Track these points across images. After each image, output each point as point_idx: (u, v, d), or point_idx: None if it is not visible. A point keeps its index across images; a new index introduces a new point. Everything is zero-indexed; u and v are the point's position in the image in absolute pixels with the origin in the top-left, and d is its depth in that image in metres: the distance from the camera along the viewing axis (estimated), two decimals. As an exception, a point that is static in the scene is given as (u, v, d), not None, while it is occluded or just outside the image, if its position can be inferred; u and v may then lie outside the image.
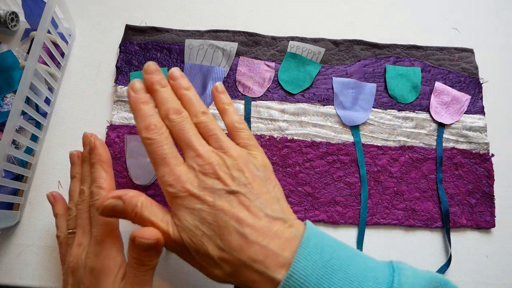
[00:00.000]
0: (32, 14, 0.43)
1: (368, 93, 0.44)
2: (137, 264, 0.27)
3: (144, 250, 0.26)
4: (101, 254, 0.28)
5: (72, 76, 0.45)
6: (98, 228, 0.29)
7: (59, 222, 0.34)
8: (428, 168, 0.41)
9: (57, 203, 0.35)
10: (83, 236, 0.30)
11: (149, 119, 0.28)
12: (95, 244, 0.29)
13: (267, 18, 0.48)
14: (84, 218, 0.31)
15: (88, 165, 0.33)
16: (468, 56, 0.46)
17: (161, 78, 0.30)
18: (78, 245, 0.30)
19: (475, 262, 0.38)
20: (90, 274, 0.28)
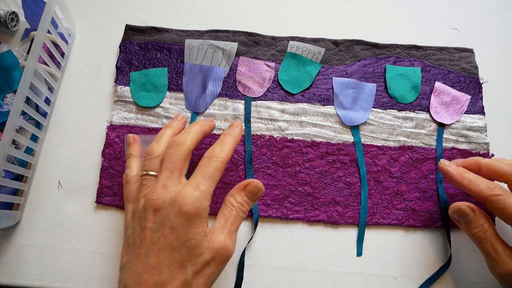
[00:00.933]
0: (32, 14, 0.43)
1: (368, 93, 0.44)
2: (240, 209, 0.32)
3: (253, 196, 0.32)
4: (199, 200, 0.29)
5: (72, 76, 0.45)
6: (204, 179, 0.30)
7: (132, 162, 0.35)
8: (428, 168, 0.41)
9: (135, 144, 0.37)
10: (169, 179, 0.31)
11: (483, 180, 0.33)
12: (194, 188, 0.30)
13: (267, 18, 0.48)
14: (175, 162, 0.31)
15: (197, 124, 0.35)
16: (468, 56, 0.46)
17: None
18: (163, 186, 0.30)
19: (475, 262, 0.38)
20: (180, 215, 0.29)
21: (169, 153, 0.32)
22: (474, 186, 0.33)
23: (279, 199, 0.40)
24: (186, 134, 0.33)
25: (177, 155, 0.32)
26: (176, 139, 0.33)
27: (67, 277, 0.37)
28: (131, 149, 0.36)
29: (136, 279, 0.28)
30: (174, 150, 0.32)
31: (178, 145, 0.32)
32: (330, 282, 0.37)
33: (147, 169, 0.32)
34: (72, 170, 0.41)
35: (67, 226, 0.39)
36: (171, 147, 0.32)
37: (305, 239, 0.39)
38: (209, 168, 0.31)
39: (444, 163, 0.35)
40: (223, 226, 0.31)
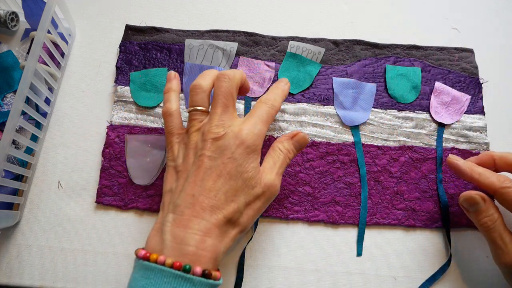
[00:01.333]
0: (32, 14, 0.43)
1: (368, 93, 0.44)
2: (287, 155, 0.34)
3: (299, 146, 0.34)
4: (259, 136, 0.31)
5: (72, 76, 0.45)
6: (261, 121, 0.32)
7: (172, 96, 0.35)
8: (428, 168, 0.41)
9: (175, 80, 0.37)
10: (225, 114, 0.31)
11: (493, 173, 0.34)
12: (253, 126, 0.31)
13: (267, 18, 0.48)
14: (228, 97, 0.32)
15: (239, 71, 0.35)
16: (468, 56, 0.46)
17: None
18: (220, 120, 0.31)
19: (475, 262, 0.38)
20: (242, 148, 0.30)
21: (222, 87, 0.32)
22: (484, 178, 0.33)
23: (279, 199, 0.40)
24: (233, 70, 0.33)
25: (229, 88, 0.32)
26: (225, 73, 0.33)
27: (67, 277, 0.37)
28: (170, 84, 0.36)
29: (190, 200, 0.30)
30: (226, 83, 0.32)
31: (230, 78, 0.32)
32: (330, 282, 0.37)
33: (196, 104, 0.33)
34: (72, 170, 0.41)
35: (67, 226, 0.39)
36: (222, 80, 0.32)
37: (305, 239, 0.39)
38: (264, 112, 0.32)
39: (452, 157, 0.35)
40: (272, 167, 0.32)
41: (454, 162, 0.35)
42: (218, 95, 0.32)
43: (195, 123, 0.32)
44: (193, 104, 0.33)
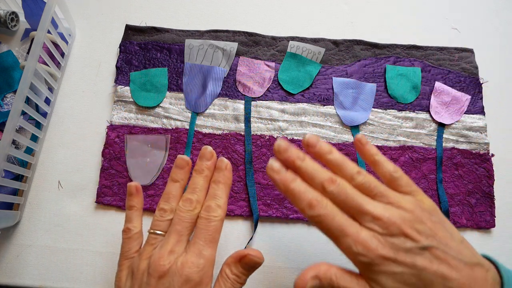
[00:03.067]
0: (32, 14, 0.43)
1: (368, 93, 0.44)
2: (236, 281, 0.30)
3: (250, 268, 0.30)
4: (204, 268, 0.29)
5: (72, 76, 0.45)
6: (207, 243, 0.29)
7: (134, 215, 0.33)
8: (428, 168, 0.41)
9: (137, 196, 0.34)
10: (177, 244, 0.30)
11: (307, 195, 0.26)
12: (198, 256, 0.29)
13: (267, 18, 0.48)
14: (184, 227, 0.30)
15: (203, 179, 0.32)
16: (468, 56, 0.46)
17: (298, 152, 0.28)
18: (171, 251, 0.29)
19: (475, 262, 0.38)
20: (186, 283, 0.28)
21: (180, 217, 0.30)
22: (297, 203, 0.27)
23: (279, 199, 0.40)
24: (197, 194, 0.31)
25: (188, 221, 0.30)
26: (188, 204, 0.31)
27: (67, 277, 0.37)
28: (132, 201, 0.33)
29: None
30: (185, 215, 0.30)
31: (190, 210, 0.31)
32: (330, 282, 0.37)
33: (156, 228, 0.31)
34: (72, 170, 0.41)
35: (67, 226, 0.39)
36: (183, 211, 0.31)
37: (305, 239, 0.39)
38: (208, 231, 0.30)
39: (271, 166, 0.28)
40: None
41: (270, 176, 0.28)
42: (175, 223, 0.30)
43: (149, 249, 0.30)
44: (154, 228, 0.31)
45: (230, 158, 0.41)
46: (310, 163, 0.28)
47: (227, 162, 0.33)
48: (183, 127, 0.42)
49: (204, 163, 0.33)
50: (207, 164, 0.33)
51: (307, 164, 0.28)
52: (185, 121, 0.42)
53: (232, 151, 0.41)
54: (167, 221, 0.31)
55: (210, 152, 0.33)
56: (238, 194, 0.40)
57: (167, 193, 0.32)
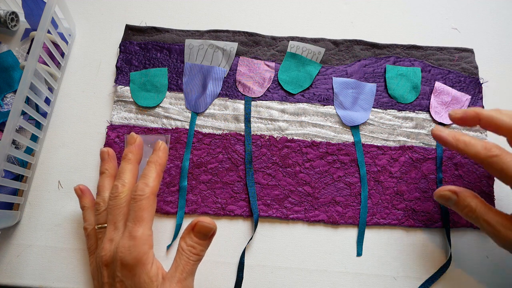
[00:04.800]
0: (32, 14, 0.43)
1: (368, 93, 0.44)
2: (191, 252, 0.30)
3: (203, 235, 0.31)
4: (136, 248, 0.29)
5: (72, 76, 0.45)
6: (135, 223, 0.30)
7: (86, 214, 0.35)
8: (428, 168, 0.41)
9: (84, 196, 0.36)
10: (114, 232, 0.31)
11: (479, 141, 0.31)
12: (128, 238, 0.30)
13: (267, 18, 0.48)
14: (116, 214, 0.31)
15: (128, 162, 0.34)
16: (468, 56, 0.46)
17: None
18: (109, 240, 0.31)
19: (475, 262, 0.38)
20: (123, 268, 0.29)
21: (110, 205, 0.32)
22: (470, 148, 0.31)
23: (279, 199, 0.40)
24: (122, 179, 0.33)
25: (117, 206, 0.32)
26: (114, 190, 0.32)
27: (67, 277, 0.37)
28: (83, 201, 0.36)
29: None
30: (112, 202, 0.32)
31: (116, 196, 0.32)
32: (330, 282, 0.37)
33: (99, 223, 0.33)
34: (72, 170, 0.41)
35: (67, 226, 0.39)
36: (110, 199, 0.32)
37: (305, 239, 0.39)
38: (136, 210, 0.30)
39: (437, 128, 0.33)
40: (172, 275, 0.30)
41: (438, 134, 0.33)
42: (108, 214, 0.32)
43: (100, 243, 0.33)
44: (97, 222, 0.34)
45: (230, 158, 0.41)
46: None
47: (162, 143, 0.35)
48: (183, 127, 0.42)
49: (127, 149, 0.35)
50: (130, 148, 0.34)
51: (489, 114, 0.33)
52: (185, 121, 0.42)
53: (232, 151, 0.41)
54: (104, 212, 0.33)
55: (132, 136, 0.35)
56: (238, 194, 0.40)
57: (98, 187, 0.35)
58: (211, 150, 0.41)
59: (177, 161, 0.41)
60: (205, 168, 0.40)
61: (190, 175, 0.40)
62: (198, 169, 0.40)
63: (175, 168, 0.40)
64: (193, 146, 0.41)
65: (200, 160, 0.41)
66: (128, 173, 0.33)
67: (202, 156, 0.41)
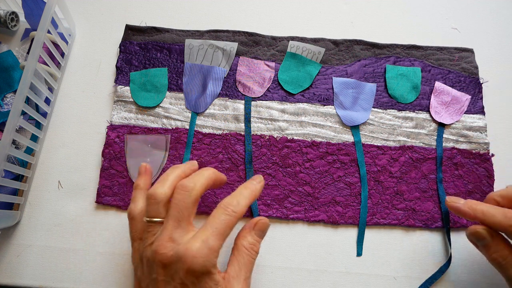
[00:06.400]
0: (32, 14, 0.43)
1: (368, 93, 0.44)
2: (252, 250, 0.30)
3: (262, 232, 0.32)
4: (207, 259, 0.27)
5: (72, 76, 0.45)
6: (215, 235, 0.28)
7: (137, 195, 0.32)
8: (428, 168, 0.41)
9: (145, 176, 0.34)
10: (176, 230, 0.28)
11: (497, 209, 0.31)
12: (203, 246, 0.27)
13: (267, 18, 0.48)
14: (182, 211, 0.29)
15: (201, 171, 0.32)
16: (468, 56, 0.46)
17: None
18: (170, 238, 0.28)
19: (475, 262, 0.38)
20: (189, 273, 0.27)
21: (177, 199, 0.29)
22: (489, 217, 0.30)
23: (279, 199, 0.40)
24: (196, 178, 0.30)
25: (185, 203, 0.29)
26: (185, 184, 0.30)
27: (67, 277, 0.37)
28: (139, 180, 0.33)
29: None
30: (182, 196, 0.29)
31: (187, 190, 0.29)
32: (330, 282, 0.37)
33: (151, 216, 0.30)
34: (72, 170, 0.41)
35: (67, 226, 0.39)
36: (179, 193, 0.29)
37: (305, 239, 0.39)
38: (222, 222, 0.29)
39: (451, 200, 0.33)
40: (238, 274, 0.29)
41: (453, 206, 0.32)
42: (171, 208, 0.29)
43: (149, 236, 0.30)
44: (148, 215, 0.30)
45: (230, 158, 0.41)
46: None
47: (262, 179, 0.34)
48: (183, 127, 0.42)
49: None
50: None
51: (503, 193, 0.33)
52: (185, 121, 0.42)
53: (232, 151, 0.41)
54: (159, 204, 0.30)
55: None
56: (238, 194, 0.40)
57: (162, 177, 0.32)
58: (211, 150, 0.41)
59: (177, 161, 0.41)
60: (205, 168, 0.40)
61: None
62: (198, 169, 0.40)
63: (175, 168, 0.40)
64: (193, 146, 0.41)
65: (200, 160, 0.41)
66: (202, 178, 0.31)
67: (202, 156, 0.41)
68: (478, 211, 0.31)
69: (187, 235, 0.29)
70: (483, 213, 0.31)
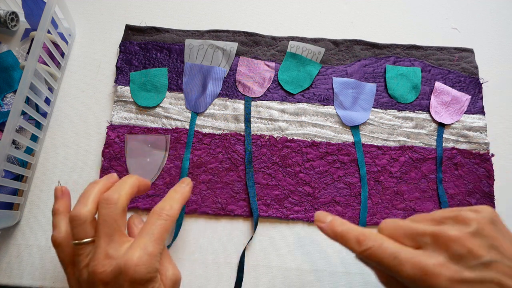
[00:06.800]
0: (32, 14, 0.43)
1: (368, 93, 0.44)
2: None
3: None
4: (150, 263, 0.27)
5: (72, 76, 0.45)
6: (154, 241, 0.27)
7: (59, 221, 0.30)
8: (428, 168, 0.41)
9: (62, 199, 0.32)
10: (110, 245, 0.27)
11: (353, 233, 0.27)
12: (144, 254, 0.27)
13: (267, 18, 0.48)
14: (111, 225, 0.28)
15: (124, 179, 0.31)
16: (468, 56, 0.46)
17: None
18: (106, 255, 0.27)
19: (475, 262, 0.38)
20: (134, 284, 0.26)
21: (104, 215, 0.28)
22: (345, 242, 0.27)
23: (279, 199, 0.40)
24: (120, 188, 0.30)
25: (113, 216, 0.28)
26: (109, 196, 0.28)
27: (67, 277, 0.37)
28: (57, 204, 0.31)
29: None
30: (108, 211, 0.28)
31: (112, 203, 0.28)
32: (330, 282, 0.37)
33: (79, 237, 0.28)
34: (72, 170, 0.41)
35: (67, 226, 0.39)
36: (104, 207, 0.28)
37: (305, 239, 0.39)
38: (158, 227, 0.28)
39: (318, 218, 0.29)
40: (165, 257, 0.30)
41: (318, 225, 0.29)
42: (100, 224, 0.28)
43: (82, 259, 0.28)
44: (75, 238, 0.28)
45: (230, 158, 0.41)
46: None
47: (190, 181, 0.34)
48: (183, 127, 0.42)
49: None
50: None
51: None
52: (185, 121, 0.42)
53: (232, 151, 0.41)
54: (85, 224, 0.28)
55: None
56: (238, 194, 0.40)
57: (82, 196, 0.30)
58: (211, 150, 0.41)
59: (177, 161, 0.41)
60: (205, 168, 0.40)
61: (190, 175, 0.40)
62: (198, 169, 0.40)
63: (175, 168, 0.40)
64: (193, 146, 0.41)
65: (200, 160, 0.41)
66: (126, 186, 0.30)
67: (202, 156, 0.41)
68: (337, 233, 0.28)
69: (121, 247, 0.28)
70: (341, 236, 0.28)
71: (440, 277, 0.23)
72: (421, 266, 0.23)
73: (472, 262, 0.23)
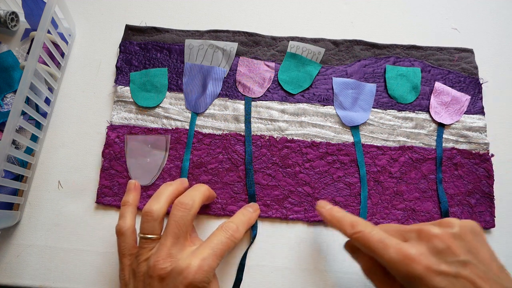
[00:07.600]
0: (32, 14, 0.43)
1: (368, 93, 0.44)
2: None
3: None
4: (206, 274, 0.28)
5: (72, 76, 0.45)
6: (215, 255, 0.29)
7: (126, 212, 0.32)
8: (428, 168, 0.41)
9: (134, 192, 0.34)
10: (174, 247, 0.29)
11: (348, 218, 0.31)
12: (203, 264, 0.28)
13: (267, 18, 0.48)
14: (181, 228, 0.30)
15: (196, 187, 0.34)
16: (468, 56, 0.46)
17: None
18: (169, 254, 0.29)
19: (475, 262, 0.38)
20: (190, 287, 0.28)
21: (177, 216, 0.30)
22: (340, 225, 0.31)
23: (279, 200, 0.40)
24: (194, 194, 0.32)
25: (185, 220, 0.30)
26: (184, 201, 0.31)
27: (67, 277, 0.37)
28: (127, 196, 0.33)
29: None
30: (182, 213, 0.30)
31: (187, 208, 0.30)
32: (330, 282, 0.37)
33: (146, 232, 0.31)
34: (72, 170, 0.41)
35: (67, 226, 0.39)
36: (179, 210, 0.30)
37: (305, 239, 0.39)
38: (220, 243, 0.30)
39: (320, 205, 0.34)
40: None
41: (318, 210, 0.33)
42: (170, 224, 0.30)
43: (144, 252, 0.30)
44: (143, 232, 0.31)
45: (230, 158, 0.41)
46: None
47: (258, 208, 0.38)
48: (183, 127, 0.42)
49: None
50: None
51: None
52: (185, 121, 0.42)
53: (232, 151, 0.41)
54: (154, 222, 0.31)
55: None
56: (238, 195, 0.40)
57: (156, 194, 0.32)
58: (211, 150, 0.41)
59: (177, 161, 0.41)
60: (205, 168, 0.40)
61: (190, 175, 0.40)
62: (198, 169, 0.40)
63: (175, 169, 0.40)
64: (193, 147, 0.41)
65: (200, 161, 0.41)
66: (199, 194, 0.32)
67: (202, 156, 0.41)
68: (334, 218, 0.32)
69: (184, 251, 0.30)
70: (338, 221, 0.31)
71: (419, 264, 0.25)
72: (403, 252, 0.26)
73: (450, 258, 0.26)
